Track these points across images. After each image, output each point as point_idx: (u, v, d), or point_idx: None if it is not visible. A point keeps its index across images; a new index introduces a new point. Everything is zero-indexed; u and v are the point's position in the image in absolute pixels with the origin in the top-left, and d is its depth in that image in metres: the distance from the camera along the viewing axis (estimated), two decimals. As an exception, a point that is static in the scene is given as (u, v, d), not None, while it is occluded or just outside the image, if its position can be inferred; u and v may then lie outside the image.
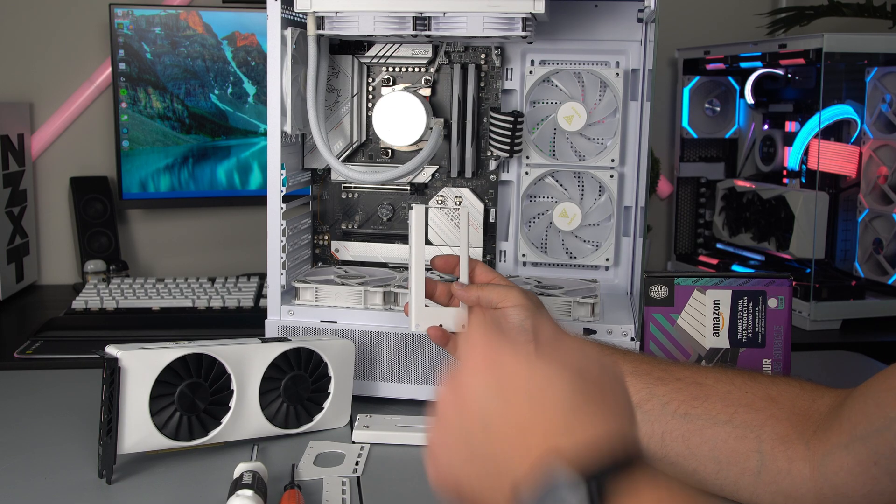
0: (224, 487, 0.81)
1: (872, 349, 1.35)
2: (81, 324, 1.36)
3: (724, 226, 1.72)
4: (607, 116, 1.15)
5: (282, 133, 1.06)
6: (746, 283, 1.01)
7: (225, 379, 0.91)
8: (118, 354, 0.85)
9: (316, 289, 1.09)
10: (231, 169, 1.66)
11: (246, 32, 1.63)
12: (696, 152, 1.80)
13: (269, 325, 1.08)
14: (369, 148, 1.21)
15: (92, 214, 1.68)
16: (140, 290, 1.48)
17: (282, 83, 1.05)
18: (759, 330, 1.01)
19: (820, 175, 1.45)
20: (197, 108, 1.63)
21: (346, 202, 1.23)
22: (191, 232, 1.78)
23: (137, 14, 1.56)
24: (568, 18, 1.15)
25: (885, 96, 1.46)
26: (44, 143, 1.71)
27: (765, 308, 1.00)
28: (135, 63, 1.58)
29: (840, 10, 1.72)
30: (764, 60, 1.55)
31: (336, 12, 1.03)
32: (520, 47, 1.17)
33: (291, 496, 0.80)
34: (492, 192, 1.20)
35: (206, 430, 0.91)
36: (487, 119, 1.17)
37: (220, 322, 1.37)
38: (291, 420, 0.97)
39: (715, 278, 1.01)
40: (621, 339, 1.02)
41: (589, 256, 1.20)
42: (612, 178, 1.17)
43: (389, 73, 1.19)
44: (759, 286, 1.00)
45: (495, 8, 0.99)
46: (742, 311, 1.01)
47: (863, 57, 1.44)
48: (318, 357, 0.98)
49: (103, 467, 0.85)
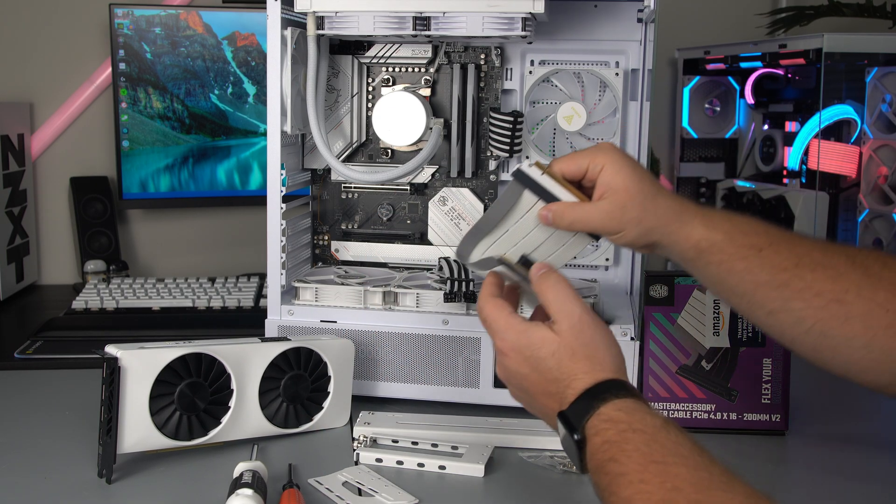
0: (224, 487, 0.81)
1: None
2: (81, 324, 1.36)
3: (724, 226, 1.72)
4: (607, 116, 1.15)
5: (282, 133, 1.06)
6: None
7: (225, 379, 0.92)
8: (118, 354, 0.85)
9: (316, 289, 1.09)
10: (231, 169, 1.66)
11: (246, 32, 1.63)
12: (696, 152, 1.79)
13: (268, 325, 1.08)
14: (369, 148, 1.21)
15: (92, 214, 1.68)
16: (140, 290, 1.48)
17: (282, 83, 1.05)
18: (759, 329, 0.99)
19: (820, 175, 1.45)
20: (197, 108, 1.63)
21: (346, 202, 1.23)
22: (191, 232, 1.78)
23: (137, 14, 1.56)
24: (568, 18, 1.15)
25: (885, 96, 1.46)
26: (44, 143, 1.71)
27: None
28: (135, 63, 1.58)
29: (840, 10, 1.72)
30: (764, 60, 1.55)
31: (336, 12, 1.03)
32: (519, 47, 1.17)
33: (291, 496, 0.80)
34: (492, 192, 1.20)
35: (205, 429, 0.91)
36: (487, 119, 1.17)
37: (220, 322, 1.37)
38: (291, 420, 0.97)
39: None
40: (621, 339, 1.01)
41: (589, 256, 1.20)
42: (611, 178, 1.17)
43: (389, 73, 1.19)
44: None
45: (495, 8, 0.99)
46: None
47: (863, 57, 1.43)
48: (318, 357, 0.98)
49: (103, 467, 0.85)
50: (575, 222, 0.79)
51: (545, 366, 0.70)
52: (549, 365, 0.70)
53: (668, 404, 1.02)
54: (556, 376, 0.69)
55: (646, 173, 0.80)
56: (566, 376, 0.69)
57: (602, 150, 0.80)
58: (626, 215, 0.77)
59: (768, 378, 1.01)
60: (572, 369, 0.68)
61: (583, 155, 0.80)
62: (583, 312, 0.71)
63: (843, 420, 1.07)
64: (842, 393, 1.14)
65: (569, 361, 0.69)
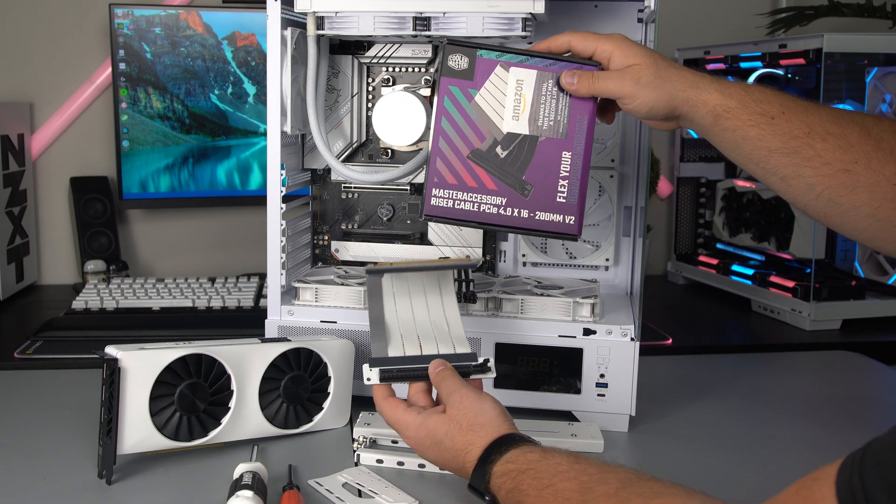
0: (224, 488, 0.81)
1: (872, 349, 1.35)
2: (81, 324, 1.36)
3: (724, 226, 1.72)
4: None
5: (282, 133, 1.06)
6: (553, 65, 0.90)
7: (225, 379, 0.92)
8: (118, 355, 0.85)
9: (316, 289, 1.09)
10: (231, 169, 1.66)
11: (246, 32, 1.63)
12: (696, 152, 1.79)
13: (268, 325, 1.08)
14: (369, 148, 1.21)
15: (92, 214, 1.68)
16: (140, 290, 1.48)
17: (282, 83, 1.05)
18: (562, 118, 0.90)
19: (820, 175, 1.45)
20: (197, 108, 1.62)
21: (346, 202, 1.23)
22: (191, 232, 1.78)
23: (137, 14, 1.56)
24: (568, 18, 1.15)
25: (885, 96, 1.47)
26: (44, 143, 1.71)
27: (569, 96, 0.90)
28: (135, 63, 1.58)
29: (840, 10, 1.72)
30: (764, 60, 1.55)
31: (336, 12, 1.03)
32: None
33: (291, 497, 0.80)
34: (492, 192, 1.20)
35: (205, 430, 0.91)
36: (487, 119, 1.17)
37: (220, 322, 1.37)
38: (291, 420, 0.97)
39: (521, 56, 0.90)
40: (621, 339, 1.02)
41: (589, 256, 1.20)
42: (612, 178, 1.17)
43: (389, 73, 1.19)
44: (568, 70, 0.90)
45: (495, 8, 0.99)
46: (546, 94, 0.90)
47: (863, 57, 1.43)
48: (318, 357, 0.98)
49: (103, 467, 0.85)
50: (594, 84, 0.87)
51: (444, 445, 0.81)
52: (447, 445, 0.80)
53: (455, 193, 0.90)
54: (455, 452, 0.80)
55: (657, 53, 0.87)
56: (462, 449, 0.79)
57: (611, 38, 0.88)
58: (642, 80, 0.85)
59: (566, 174, 0.91)
60: (464, 442, 0.79)
61: (594, 38, 0.88)
62: (464, 392, 0.82)
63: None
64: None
65: (460, 436, 0.79)
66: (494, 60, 0.90)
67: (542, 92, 0.90)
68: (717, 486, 0.89)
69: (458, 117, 0.90)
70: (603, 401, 1.02)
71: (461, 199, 0.91)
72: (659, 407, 1.09)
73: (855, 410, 1.11)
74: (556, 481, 0.70)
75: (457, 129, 0.90)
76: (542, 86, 0.90)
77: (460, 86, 0.90)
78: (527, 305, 1.05)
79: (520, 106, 0.90)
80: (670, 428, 1.04)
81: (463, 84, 0.90)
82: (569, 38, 0.89)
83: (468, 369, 0.89)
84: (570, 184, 0.90)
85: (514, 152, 0.90)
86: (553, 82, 0.90)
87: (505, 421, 0.80)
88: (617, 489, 0.66)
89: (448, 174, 0.90)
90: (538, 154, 0.90)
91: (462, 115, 0.90)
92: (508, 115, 0.90)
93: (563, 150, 0.90)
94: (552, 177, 0.91)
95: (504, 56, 0.90)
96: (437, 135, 0.90)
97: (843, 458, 0.52)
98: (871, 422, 1.08)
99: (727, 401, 1.12)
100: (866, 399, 1.15)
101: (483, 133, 0.90)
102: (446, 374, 0.86)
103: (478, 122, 0.90)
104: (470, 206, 0.91)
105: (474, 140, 0.90)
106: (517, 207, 0.91)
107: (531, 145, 0.91)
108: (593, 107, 0.90)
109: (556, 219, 0.91)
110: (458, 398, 0.82)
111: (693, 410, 1.10)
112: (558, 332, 1.03)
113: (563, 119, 0.90)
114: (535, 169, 0.90)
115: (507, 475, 0.73)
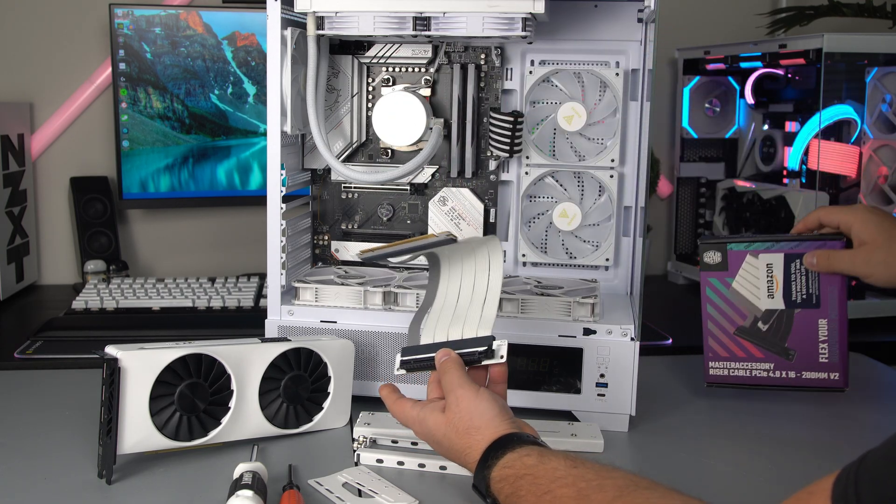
0: (224, 487, 0.81)
1: (872, 349, 1.35)
2: (81, 324, 1.36)
3: (724, 226, 1.72)
4: (607, 116, 1.15)
5: (282, 133, 1.06)
6: (797, 246, 1.04)
7: (225, 379, 0.92)
8: (118, 355, 0.85)
9: (316, 289, 1.09)
10: (231, 169, 1.66)
11: (246, 32, 1.62)
12: (696, 152, 1.79)
13: (268, 325, 1.08)
14: (369, 148, 1.21)
15: (92, 214, 1.68)
16: (140, 290, 1.48)
17: (282, 83, 1.05)
18: (814, 291, 1.04)
19: (820, 175, 1.45)
20: (197, 108, 1.62)
21: (346, 202, 1.23)
22: (191, 232, 1.78)
23: (137, 14, 1.56)
24: (568, 18, 1.15)
25: (885, 96, 1.46)
26: (44, 143, 1.71)
27: None
28: (135, 63, 1.58)
29: (840, 10, 1.72)
30: (764, 60, 1.55)
31: (336, 12, 1.03)
32: (520, 47, 1.17)
33: (291, 497, 0.80)
34: (492, 192, 1.20)
35: (205, 430, 0.91)
36: (487, 119, 1.17)
37: (220, 322, 1.37)
38: (291, 420, 0.97)
39: (766, 242, 1.05)
40: (621, 339, 1.02)
41: (589, 256, 1.20)
42: (612, 178, 1.17)
43: (389, 73, 1.19)
44: (811, 249, 1.03)
45: (495, 8, 0.99)
46: (795, 273, 1.04)
47: (863, 57, 1.43)
48: (318, 357, 0.98)
49: (103, 467, 0.85)
50: (831, 265, 1.01)
51: (444, 446, 0.82)
52: (446, 446, 0.82)
53: (729, 363, 1.06)
54: (456, 453, 0.81)
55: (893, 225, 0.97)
56: (461, 451, 0.80)
57: (853, 211, 1.01)
58: (872, 261, 0.97)
59: (825, 338, 1.04)
60: (462, 445, 0.80)
61: (838, 211, 1.02)
62: (460, 393, 0.82)
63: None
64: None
65: (457, 440, 0.80)
66: (744, 251, 1.05)
67: (791, 271, 1.04)
68: (717, 487, 0.89)
69: (720, 303, 1.06)
70: (603, 401, 1.02)
71: (734, 368, 1.07)
72: (659, 407, 1.09)
73: (855, 410, 1.11)
74: (555, 487, 0.70)
75: (721, 312, 1.07)
76: (791, 265, 1.04)
77: (718, 276, 1.06)
78: (527, 305, 1.05)
79: (773, 285, 1.05)
80: (670, 428, 1.04)
81: (720, 275, 1.06)
82: (818, 214, 1.04)
83: (474, 356, 0.87)
84: (830, 346, 1.05)
85: (774, 325, 1.05)
86: (800, 261, 1.04)
87: (503, 420, 0.80)
88: (613, 497, 0.66)
89: (720, 349, 1.07)
90: (797, 324, 1.05)
91: (723, 300, 1.06)
92: (763, 294, 1.05)
93: (819, 318, 1.04)
94: (812, 342, 1.05)
95: (752, 245, 1.05)
96: (706, 319, 1.07)
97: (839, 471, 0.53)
98: (872, 422, 1.07)
99: (727, 401, 1.12)
100: (866, 399, 1.15)
101: (744, 312, 1.06)
102: (448, 365, 0.86)
103: (738, 304, 1.06)
104: (743, 373, 1.07)
105: (737, 319, 1.06)
106: (785, 370, 1.06)
107: (789, 317, 1.05)
108: (842, 279, 1.03)
109: (821, 376, 1.05)
110: (455, 400, 0.82)
111: (693, 410, 1.10)
112: (558, 332, 1.03)
113: (814, 291, 1.04)
114: (795, 336, 1.05)
115: (505, 480, 0.74)
